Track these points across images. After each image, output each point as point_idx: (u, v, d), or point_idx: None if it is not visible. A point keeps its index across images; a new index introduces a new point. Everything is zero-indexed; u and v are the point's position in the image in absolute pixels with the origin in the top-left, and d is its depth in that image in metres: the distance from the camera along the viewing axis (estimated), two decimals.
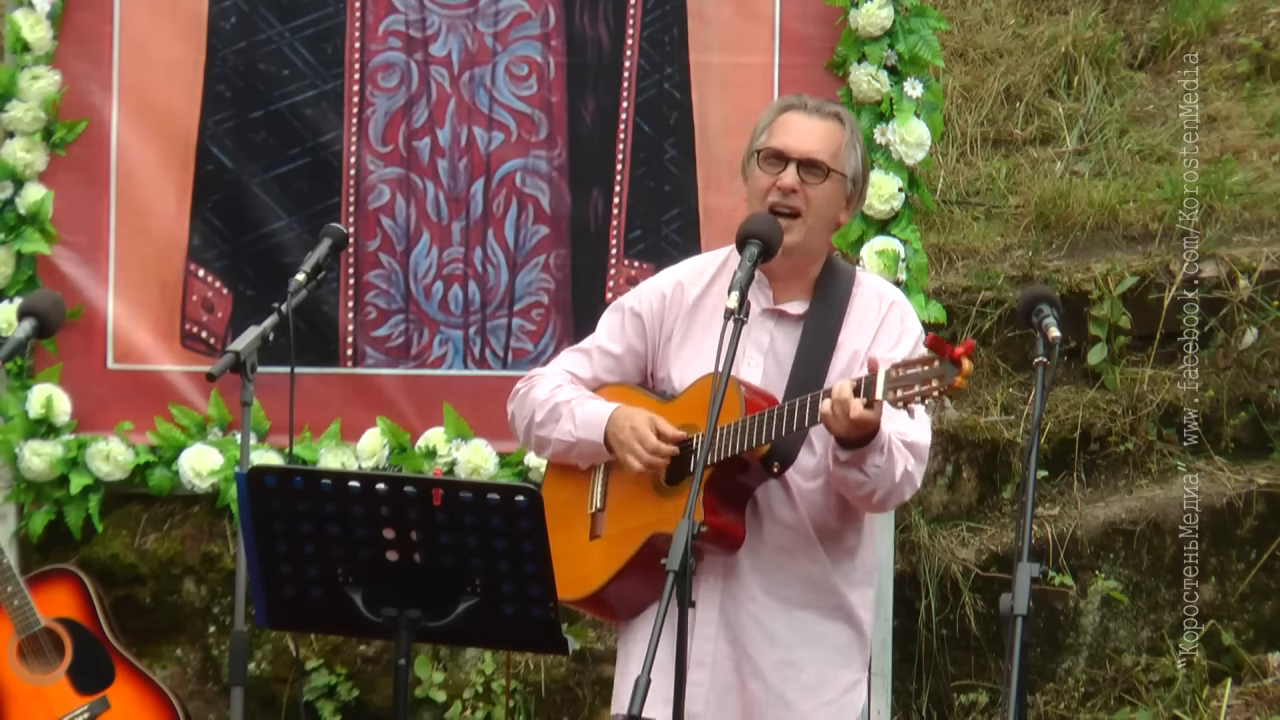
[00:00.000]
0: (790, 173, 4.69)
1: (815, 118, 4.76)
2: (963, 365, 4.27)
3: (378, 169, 6.63)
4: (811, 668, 4.72)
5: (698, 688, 4.64)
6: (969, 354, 4.28)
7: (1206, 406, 7.03)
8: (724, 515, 4.62)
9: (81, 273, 6.62)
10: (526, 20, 6.61)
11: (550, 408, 4.84)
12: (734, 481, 4.64)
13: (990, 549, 6.85)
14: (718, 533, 4.60)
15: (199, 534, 6.81)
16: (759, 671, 4.70)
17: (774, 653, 4.70)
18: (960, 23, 8.32)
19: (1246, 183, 7.62)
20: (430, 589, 4.32)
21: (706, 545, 4.62)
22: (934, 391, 4.29)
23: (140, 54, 6.61)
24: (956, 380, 4.27)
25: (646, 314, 4.86)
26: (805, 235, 4.70)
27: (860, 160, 4.79)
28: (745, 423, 4.55)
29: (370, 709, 6.73)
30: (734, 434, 4.56)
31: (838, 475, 4.60)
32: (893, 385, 4.34)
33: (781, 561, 4.70)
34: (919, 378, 4.31)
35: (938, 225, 7.49)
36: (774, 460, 4.62)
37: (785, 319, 4.76)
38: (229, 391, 6.36)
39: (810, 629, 4.72)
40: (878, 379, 4.36)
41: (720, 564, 4.69)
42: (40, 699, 6.28)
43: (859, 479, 4.55)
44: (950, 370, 4.28)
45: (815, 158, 4.70)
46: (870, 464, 4.53)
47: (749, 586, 4.69)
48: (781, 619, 4.70)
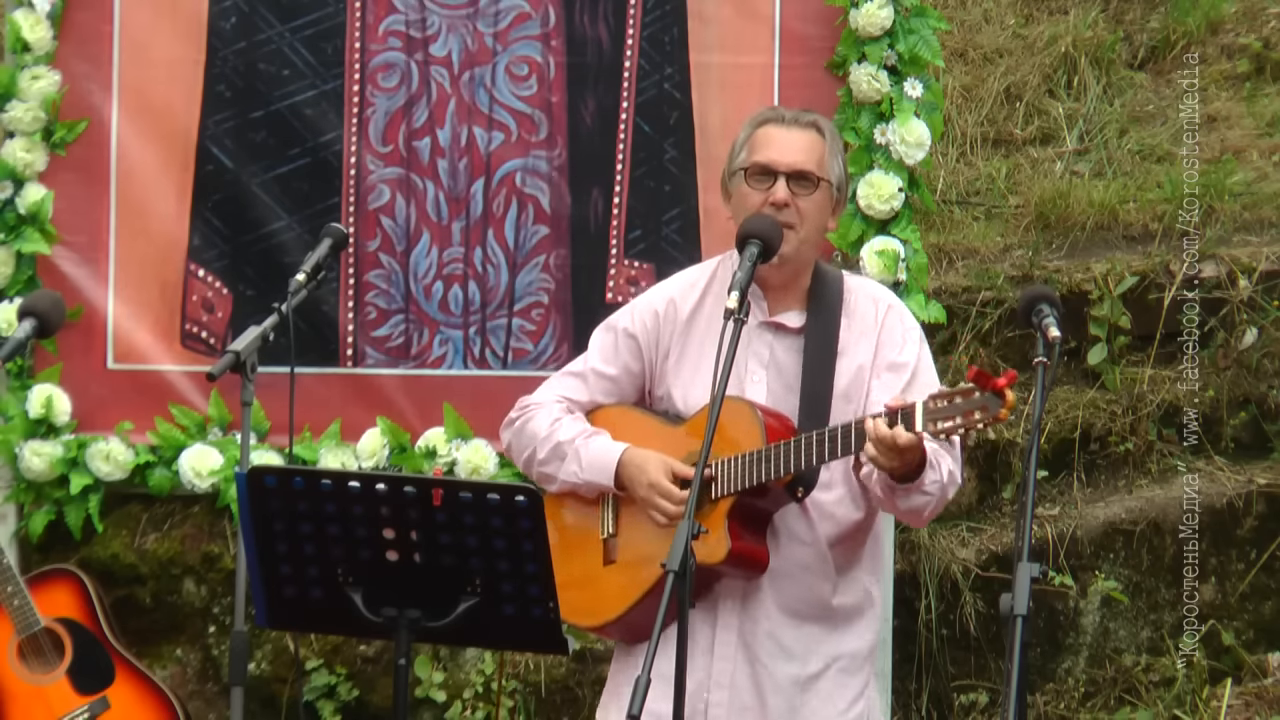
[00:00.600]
0: (781, 186, 4.67)
1: (795, 129, 4.75)
2: (1006, 397, 4.26)
3: (378, 169, 6.62)
4: (827, 677, 4.73)
5: (717, 708, 4.68)
6: (1011, 384, 4.27)
7: (1206, 406, 7.03)
8: (749, 541, 4.62)
9: (81, 273, 6.62)
10: (526, 20, 6.61)
11: (552, 446, 4.81)
12: (757, 508, 4.64)
13: (990, 549, 6.86)
14: (742, 558, 4.61)
15: (199, 534, 6.80)
16: (778, 686, 4.70)
17: (790, 666, 4.71)
18: (960, 23, 8.32)
19: (1246, 183, 7.62)
20: (430, 589, 4.32)
21: (731, 571, 4.64)
22: (978, 424, 4.29)
23: (140, 54, 6.61)
24: (1001, 413, 4.27)
25: (641, 333, 4.84)
26: (799, 246, 4.70)
27: (842, 166, 4.80)
28: (771, 451, 4.53)
29: (370, 709, 6.73)
30: (760, 462, 4.54)
31: (902, 507, 4.59)
32: (931, 417, 4.33)
33: (799, 577, 4.70)
34: (960, 409, 4.30)
35: (938, 225, 7.49)
36: (798, 486, 4.61)
37: (783, 332, 4.75)
38: (229, 391, 6.36)
39: (824, 640, 4.73)
40: (916, 412, 4.34)
41: (739, 585, 4.69)
42: (40, 699, 6.28)
43: (923, 501, 4.56)
44: (994, 403, 4.27)
45: (803, 169, 4.70)
46: (929, 482, 4.53)
47: (765, 604, 4.69)
48: (794, 632, 4.71)
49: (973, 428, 4.31)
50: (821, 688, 4.72)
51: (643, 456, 4.69)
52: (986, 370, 4.31)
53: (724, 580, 4.67)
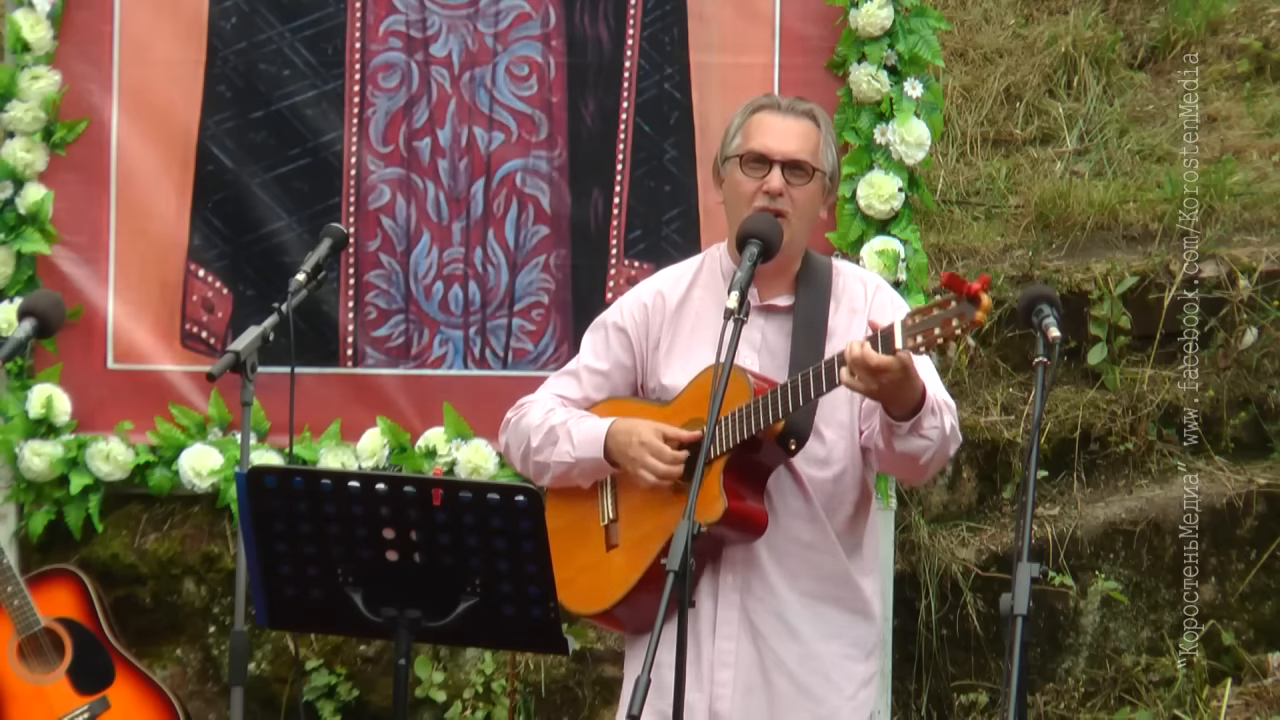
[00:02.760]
0: (776, 175, 4.67)
1: (790, 117, 4.74)
2: (981, 300, 4.19)
3: (378, 169, 6.63)
4: (833, 661, 4.72)
5: (722, 687, 4.67)
6: (986, 288, 4.19)
7: (1206, 406, 7.04)
8: (746, 499, 4.60)
9: (81, 273, 6.62)
10: (527, 20, 6.61)
11: (545, 431, 4.81)
12: (751, 461, 4.61)
13: (990, 549, 6.86)
14: (740, 518, 4.59)
15: (199, 534, 6.81)
16: (784, 666, 4.69)
17: (797, 647, 4.70)
18: (960, 23, 8.33)
19: (1246, 183, 7.62)
20: (430, 589, 4.32)
21: (730, 533, 4.62)
22: (956, 331, 4.22)
23: (140, 54, 6.62)
24: (978, 316, 4.19)
25: (631, 327, 4.84)
26: (792, 235, 4.69)
27: (835, 156, 4.79)
28: (758, 402, 4.52)
29: (370, 709, 6.73)
30: (748, 414, 4.53)
31: (899, 450, 4.51)
32: (911, 332, 4.28)
33: (800, 554, 4.69)
34: (938, 320, 4.24)
35: (938, 225, 7.49)
36: (790, 438, 4.58)
37: (773, 312, 4.76)
38: (229, 391, 6.37)
39: (830, 622, 4.72)
40: (895, 329, 4.29)
41: (740, 561, 4.68)
42: (40, 699, 6.28)
43: (921, 445, 4.49)
44: (969, 307, 4.20)
45: (798, 158, 4.69)
46: (929, 426, 4.48)
47: (769, 582, 4.68)
48: (802, 613, 4.70)
49: (951, 336, 4.23)
50: (827, 670, 4.71)
51: (631, 422, 4.69)
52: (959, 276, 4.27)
53: (725, 555, 4.66)
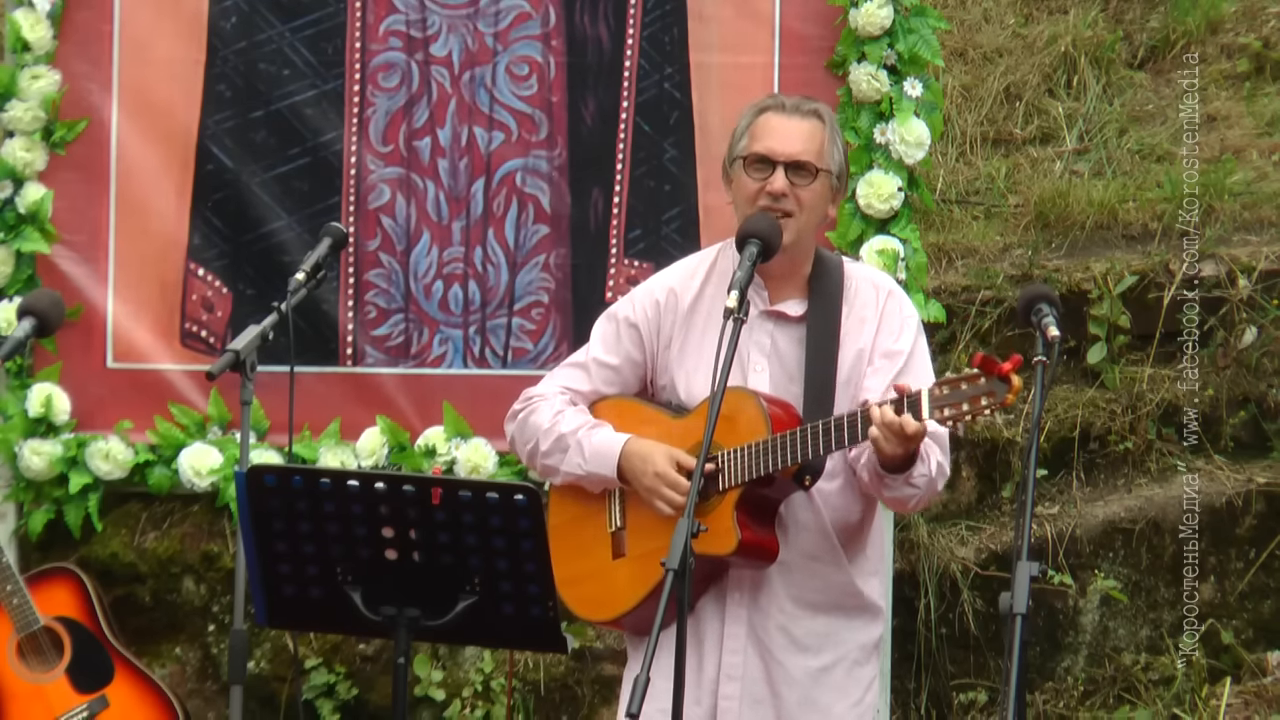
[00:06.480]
0: (779, 176, 4.66)
1: (795, 117, 4.72)
2: (1012, 382, 4.27)
3: (378, 169, 6.63)
4: (839, 668, 4.73)
5: (729, 700, 4.68)
6: (1017, 369, 4.27)
7: (1206, 406, 7.04)
8: (758, 532, 4.62)
9: (81, 272, 6.62)
10: (527, 20, 6.61)
11: (556, 438, 4.79)
12: (764, 497, 4.63)
13: (990, 548, 6.86)
14: (752, 549, 4.60)
15: (198, 533, 6.81)
16: (791, 678, 4.70)
17: (803, 658, 4.71)
18: (960, 22, 8.32)
19: (1246, 182, 7.62)
20: (429, 588, 4.32)
21: (741, 562, 4.64)
22: (985, 410, 4.29)
23: (140, 54, 6.62)
24: (1008, 398, 4.28)
25: (642, 322, 4.82)
26: (799, 234, 4.69)
27: (842, 154, 4.77)
28: (777, 441, 4.53)
29: (369, 708, 6.74)
30: (765, 452, 4.53)
31: (888, 496, 4.60)
32: (938, 403, 4.34)
33: (806, 568, 4.70)
34: (966, 395, 4.31)
35: (937, 225, 7.49)
36: (805, 474, 4.60)
37: (784, 320, 4.74)
38: (228, 390, 6.37)
39: (836, 631, 4.73)
40: (921, 400, 4.34)
41: (747, 577, 4.69)
42: (39, 697, 6.28)
43: (909, 493, 4.56)
44: (1001, 387, 4.28)
45: (802, 159, 4.68)
46: (917, 475, 4.54)
47: (776, 596, 4.69)
48: (807, 624, 4.71)
49: (979, 414, 4.31)
50: (834, 680, 4.72)
51: (647, 447, 4.68)
52: (992, 356, 4.31)
53: (732, 572, 4.67)
